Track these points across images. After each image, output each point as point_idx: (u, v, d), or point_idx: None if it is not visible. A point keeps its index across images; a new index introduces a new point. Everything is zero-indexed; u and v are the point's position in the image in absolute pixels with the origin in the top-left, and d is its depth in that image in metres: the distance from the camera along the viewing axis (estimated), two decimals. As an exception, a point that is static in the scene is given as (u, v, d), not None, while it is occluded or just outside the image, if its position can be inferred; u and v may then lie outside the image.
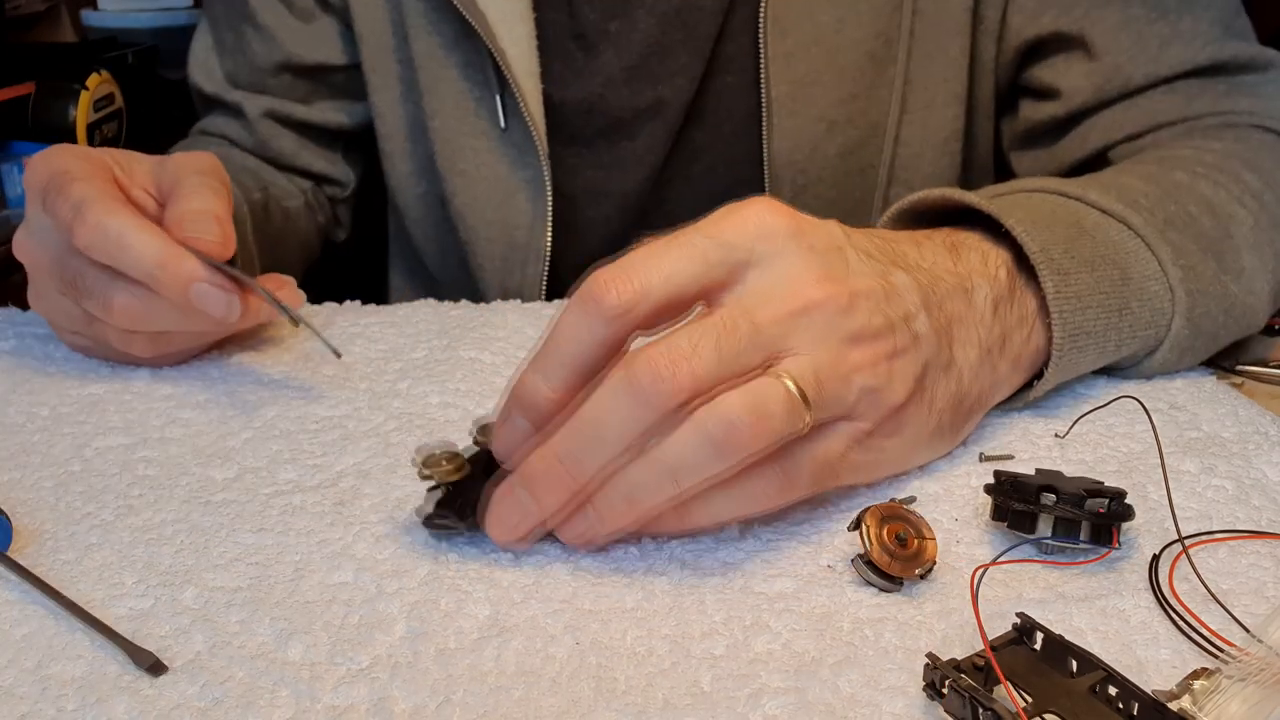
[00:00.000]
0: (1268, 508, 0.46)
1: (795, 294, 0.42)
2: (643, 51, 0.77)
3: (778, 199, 0.44)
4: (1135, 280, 0.53)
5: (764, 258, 0.42)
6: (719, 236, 0.42)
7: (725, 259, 0.42)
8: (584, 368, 0.42)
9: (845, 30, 0.74)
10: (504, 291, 0.82)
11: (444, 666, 0.37)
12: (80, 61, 1.56)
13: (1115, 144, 0.72)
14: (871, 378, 0.43)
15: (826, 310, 0.42)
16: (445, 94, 0.79)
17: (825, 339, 0.42)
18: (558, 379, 0.42)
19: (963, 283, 0.49)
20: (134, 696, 0.36)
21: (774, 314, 0.42)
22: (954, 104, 0.77)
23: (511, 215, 0.80)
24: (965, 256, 0.51)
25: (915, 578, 0.41)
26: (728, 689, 0.36)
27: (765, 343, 0.41)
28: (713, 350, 0.40)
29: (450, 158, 0.80)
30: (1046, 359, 0.52)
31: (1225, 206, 0.60)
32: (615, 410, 0.41)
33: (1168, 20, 0.71)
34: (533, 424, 0.43)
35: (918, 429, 0.47)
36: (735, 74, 0.77)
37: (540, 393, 0.42)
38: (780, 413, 0.41)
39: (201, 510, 0.47)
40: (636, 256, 0.42)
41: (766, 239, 0.43)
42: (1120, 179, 0.60)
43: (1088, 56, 0.72)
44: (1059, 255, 0.51)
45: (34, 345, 0.62)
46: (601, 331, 0.41)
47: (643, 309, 0.41)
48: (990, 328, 0.49)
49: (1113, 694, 0.34)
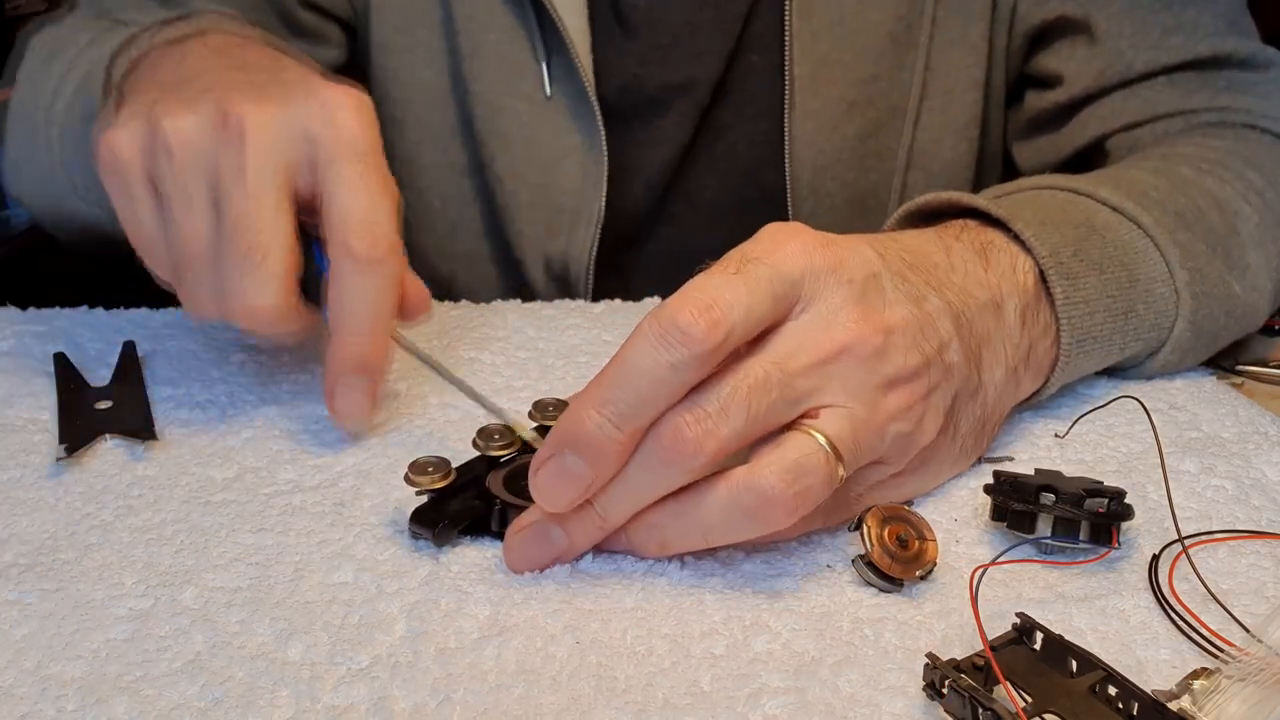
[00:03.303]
0: (1267, 508, 0.46)
1: (829, 339, 0.41)
2: (676, 29, 0.77)
3: (797, 182, 0.43)
4: (1142, 282, 0.54)
5: (810, 297, 0.41)
6: (779, 268, 0.40)
7: (787, 295, 0.41)
8: (666, 405, 0.39)
9: (867, 11, 0.75)
10: (545, 256, 0.81)
11: (444, 666, 0.37)
12: (81, 62, 1.55)
13: (1113, 133, 0.73)
14: (906, 424, 0.43)
15: (860, 354, 0.41)
16: (488, 58, 0.78)
17: (861, 388, 0.41)
18: (631, 422, 0.39)
19: (994, 296, 0.49)
20: (134, 696, 0.36)
21: (806, 363, 0.40)
22: (973, 90, 0.78)
23: (558, 179, 0.79)
24: (995, 262, 0.50)
25: (915, 579, 0.41)
26: (728, 688, 0.36)
27: (797, 396, 0.40)
28: (742, 412, 0.39)
29: (492, 121, 0.79)
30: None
31: (1231, 203, 0.60)
32: (641, 475, 0.40)
33: (1171, 11, 0.71)
34: (593, 468, 0.40)
35: (941, 461, 0.47)
36: (761, 53, 0.78)
37: (609, 436, 0.39)
38: (818, 482, 0.39)
39: (201, 510, 0.47)
40: (711, 287, 0.39)
41: (814, 276, 0.41)
42: (1129, 174, 0.61)
43: (1090, 41, 0.73)
44: (1068, 259, 0.51)
45: (34, 345, 0.62)
46: (689, 373, 0.39)
47: (729, 344, 0.39)
48: (1019, 343, 0.49)
49: (1112, 694, 0.34)
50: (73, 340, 0.63)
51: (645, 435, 0.39)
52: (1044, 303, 0.51)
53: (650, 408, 0.39)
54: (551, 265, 0.81)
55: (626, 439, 0.39)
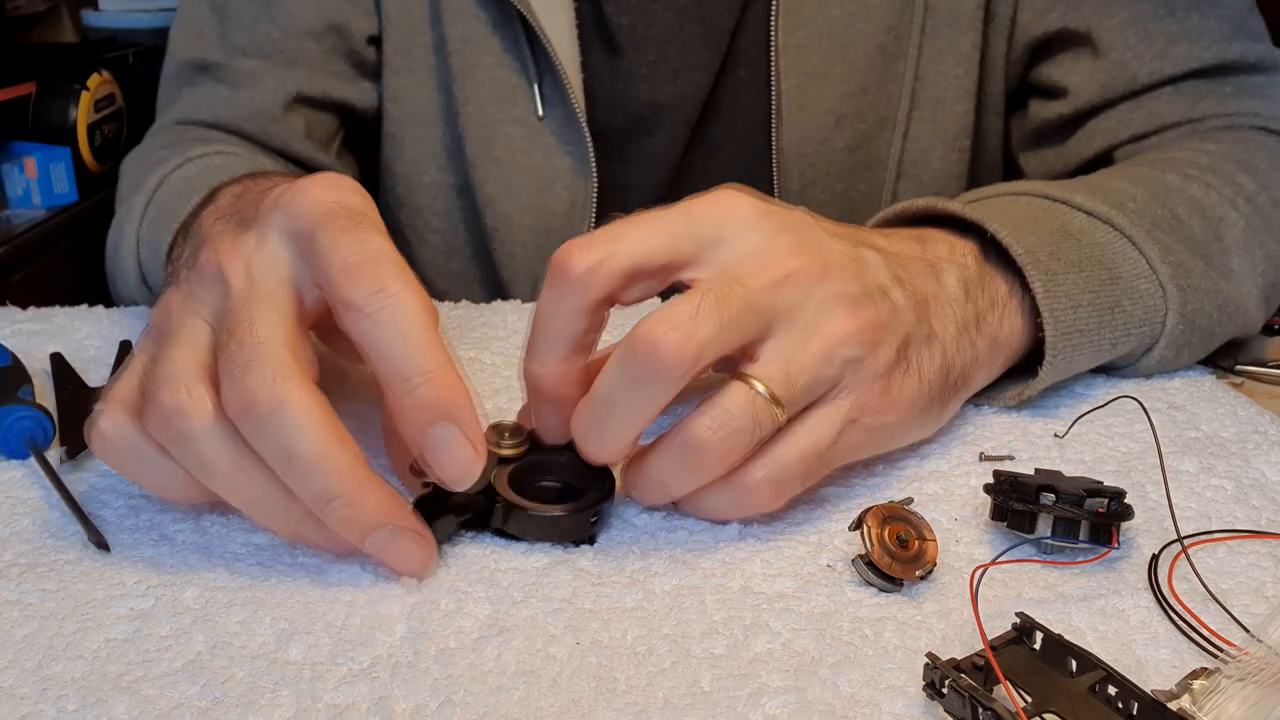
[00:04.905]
0: (1267, 507, 0.46)
1: (775, 263, 0.43)
2: (661, 46, 0.77)
3: (785, 194, 0.45)
4: (1125, 279, 0.54)
5: (733, 235, 0.43)
6: (687, 214, 0.43)
7: (693, 235, 0.43)
8: (567, 341, 0.43)
9: (856, 24, 0.75)
10: (534, 279, 0.81)
11: (444, 666, 0.37)
12: (81, 61, 1.56)
13: (1120, 144, 0.72)
14: (855, 347, 0.43)
15: (803, 279, 0.43)
16: (481, 80, 0.78)
17: (804, 310, 0.43)
18: (547, 357, 0.43)
19: (931, 266, 0.50)
20: (134, 696, 0.36)
21: (760, 282, 0.42)
22: (964, 100, 0.78)
23: (549, 202, 0.79)
24: (932, 246, 0.52)
25: (915, 579, 0.41)
26: (728, 689, 0.36)
27: (760, 309, 0.42)
28: (714, 317, 0.41)
29: (484, 144, 0.79)
30: (1033, 347, 0.53)
31: (1216, 209, 0.60)
32: (619, 387, 0.42)
33: (1175, 18, 0.71)
34: (552, 405, 0.45)
35: (911, 402, 0.46)
36: (749, 68, 0.77)
37: (537, 375, 0.44)
38: (746, 424, 0.41)
39: (202, 510, 0.47)
40: (603, 229, 0.43)
41: (734, 219, 0.43)
42: (1109, 182, 0.61)
43: (1094, 54, 0.73)
44: (1045, 257, 0.52)
45: (33, 345, 0.62)
46: (572, 300, 0.42)
47: (606, 271, 0.42)
48: (964, 306, 0.50)
49: (1112, 694, 0.34)
50: (72, 339, 0.63)
51: (622, 354, 0.41)
52: (992, 280, 0.52)
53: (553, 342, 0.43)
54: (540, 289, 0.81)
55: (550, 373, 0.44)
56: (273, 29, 0.78)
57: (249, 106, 0.77)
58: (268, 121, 0.77)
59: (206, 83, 0.79)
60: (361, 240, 0.41)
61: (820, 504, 0.47)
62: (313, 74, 0.79)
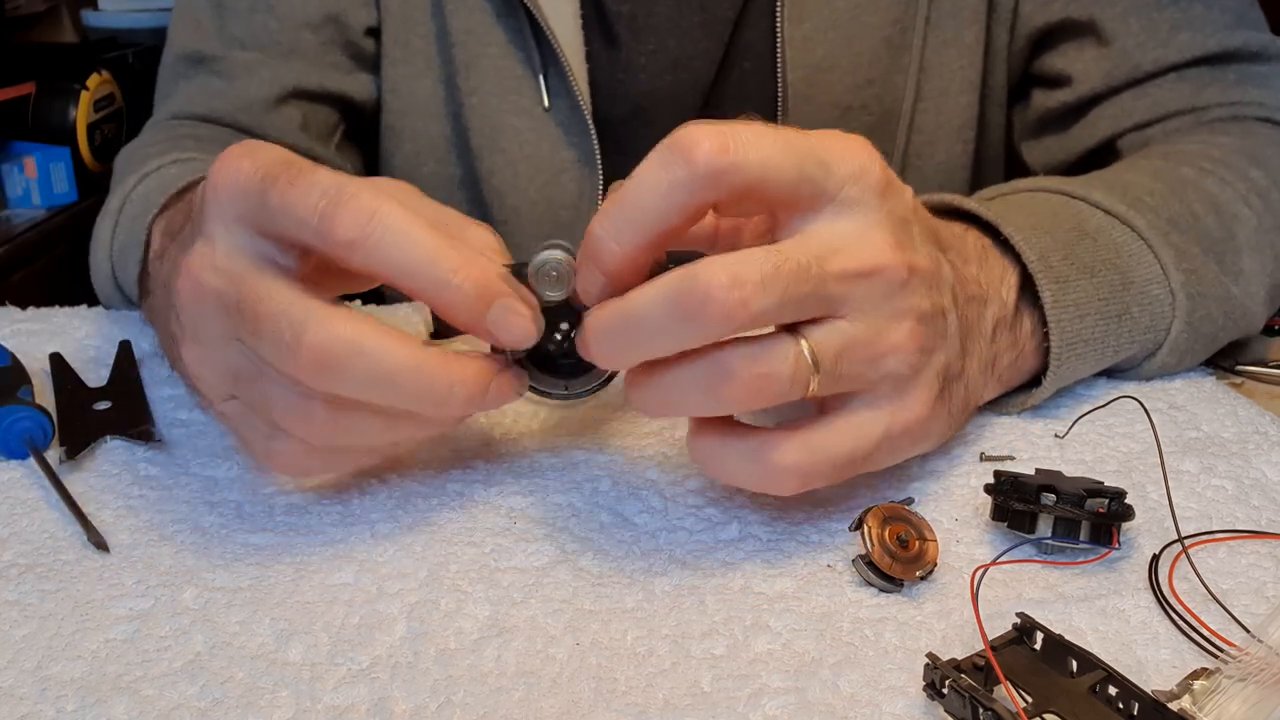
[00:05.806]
0: (1267, 508, 0.46)
1: (867, 254, 0.41)
2: (661, 35, 0.77)
3: None
4: (1137, 284, 0.54)
5: (847, 202, 0.41)
6: (823, 158, 0.40)
7: (818, 180, 0.40)
8: (657, 230, 0.40)
9: (862, 16, 0.75)
10: None
11: (444, 667, 0.37)
12: (80, 61, 1.56)
13: (1124, 132, 0.72)
14: (903, 365, 0.43)
15: (888, 280, 0.41)
16: (485, 71, 0.78)
17: (878, 312, 0.41)
18: (627, 239, 0.40)
19: (980, 293, 0.49)
20: (134, 696, 0.36)
21: (844, 270, 0.40)
22: (968, 91, 0.78)
23: (556, 195, 0.79)
24: (988, 267, 0.51)
25: (916, 579, 0.41)
26: (728, 689, 0.36)
27: (827, 297, 0.40)
28: (778, 291, 0.39)
29: (490, 136, 0.79)
30: (1042, 369, 0.52)
31: (1230, 206, 0.60)
32: (656, 316, 0.39)
33: (1178, 6, 0.71)
34: (604, 279, 0.41)
35: (940, 433, 0.47)
36: (753, 60, 0.77)
37: (608, 249, 0.40)
38: (783, 371, 0.40)
39: (202, 510, 0.47)
40: (739, 127, 0.39)
41: (858, 183, 0.41)
42: (1125, 176, 0.61)
43: (1098, 43, 0.73)
44: (1058, 262, 0.52)
45: (33, 345, 0.62)
46: (684, 192, 0.39)
47: (731, 182, 0.39)
48: (989, 346, 0.50)
49: (1113, 694, 0.34)
50: (71, 339, 0.63)
51: (675, 286, 0.39)
52: (1020, 318, 0.51)
53: (640, 226, 0.40)
54: None
55: (622, 253, 0.40)
56: (270, 20, 0.78)
57: (243, 99, 0.77)
58: (262, 114, 0.77)
59: (202, 75, 0.79)
60: (314, 182, 0.40)
61: (820, 504, 0.47)
62: (310, 66, 0.78)
